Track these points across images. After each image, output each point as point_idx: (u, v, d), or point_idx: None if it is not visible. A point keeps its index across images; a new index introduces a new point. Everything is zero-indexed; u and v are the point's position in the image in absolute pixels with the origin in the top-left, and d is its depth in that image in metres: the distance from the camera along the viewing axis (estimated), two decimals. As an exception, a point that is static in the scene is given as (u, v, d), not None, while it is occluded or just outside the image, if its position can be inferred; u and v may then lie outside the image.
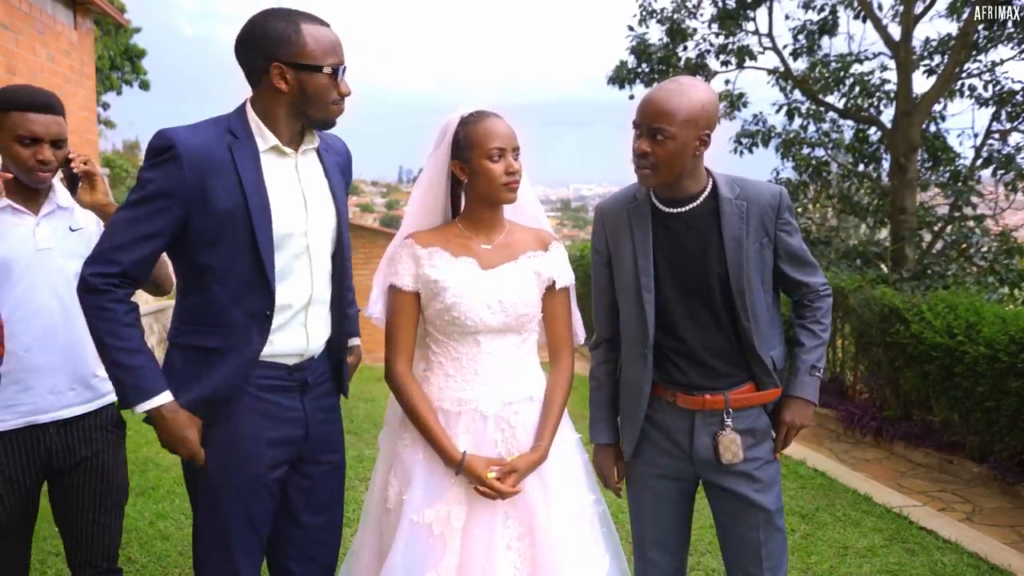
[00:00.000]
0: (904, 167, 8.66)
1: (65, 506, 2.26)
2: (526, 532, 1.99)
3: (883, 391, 6.09)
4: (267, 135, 1.92)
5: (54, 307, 2.15)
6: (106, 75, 16.92)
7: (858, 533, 3.94)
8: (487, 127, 2.02)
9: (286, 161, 1.96)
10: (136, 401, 1.84)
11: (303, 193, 1.97)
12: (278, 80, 1.87)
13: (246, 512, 1.95)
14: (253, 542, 1.99)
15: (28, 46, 7.22)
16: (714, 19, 10.11)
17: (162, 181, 1.81)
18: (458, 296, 2.01)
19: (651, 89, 2.05)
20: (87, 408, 2.24)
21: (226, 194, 1.83)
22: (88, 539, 2.26)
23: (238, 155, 1.86)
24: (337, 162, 2.11)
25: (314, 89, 1.88)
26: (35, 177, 2.12)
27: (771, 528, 2.13)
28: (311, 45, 1.87)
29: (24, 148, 2.09)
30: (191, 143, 1.82)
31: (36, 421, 2.15)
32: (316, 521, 2.11)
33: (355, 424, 5.88)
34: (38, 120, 2.10)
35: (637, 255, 2.13)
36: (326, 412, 2.10)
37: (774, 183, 2.87)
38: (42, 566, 3.36)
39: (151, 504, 4.17)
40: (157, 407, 1.85)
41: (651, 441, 2.19)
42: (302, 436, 2.02)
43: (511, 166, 2.01)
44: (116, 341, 1.83)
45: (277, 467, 1.99)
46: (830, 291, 2.22)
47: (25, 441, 2.15)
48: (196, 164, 1.81)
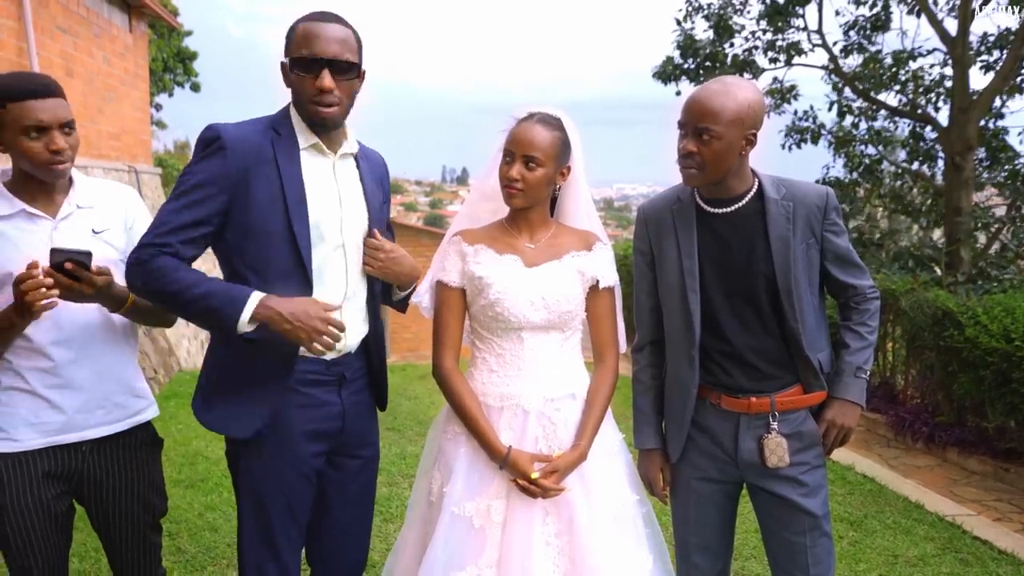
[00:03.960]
0: (960, 166, 8.42)
1: (101, 522, 2.16)
2: (565, 529, 1.99)
3: (935, 396, 5.94)
4: (308, 133, 1.96)
5: (78, 319, 1.98)
6: (159, 77, 17.35)
7: (909, 541, 3.84)
8: (513, 130, 2.06)
9: (325, 161, 2.00)
10: (235, 318, 1.80)
11: (339, 193, 2.01)
12: (285, 78, 1.95)
13: (288, 503, 2.01)
14: (294, 533, 2.05)
15: (85, 49, 7.44)
16: (762, 15, 9.96)
17: (208, 171, 1.86)
18: (502, 292, 2.03)
19: (696, 89, 2.03)
20: (118, 428, 2.08)
21: (266, 186, 1.88)
22: (128, 554, 2.19)
23: (279, 150, 1.91)
24: (373, 172, 2.14)
25: (294, 82, 1.92)
26: (54, 170, 1.93)
27: (817, 533, 2.09)
28: (297, 39, 1.90)
29: (33, 141, 1.89)
30: (236, 136, 1.88)
31: (62, 441, 1.99)
32: (349, 515, 2.16)
33: (398, 421, 5.93)
34: (41, 106, 1.88)
35: (682, 256, 2.11)
36: (362, 407, 2.14)
37: (824, 181, 2.79)
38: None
39: (200, 496, 4.27)
40: (255, 307, 1.82)
41: (695, 444, 2.17)
42: (339, 429, 2.07)
43: (510, 170, 2.02)
44: (180, 286, 1.81)
45: (316, 458, 2.04)
46: (878, 294, 2.17)
47: (53, 461, 2.00)
48: (240, 156, 1.87)
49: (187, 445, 5.14)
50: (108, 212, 2.07)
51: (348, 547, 2.19)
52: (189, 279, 1.82)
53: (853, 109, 10.02)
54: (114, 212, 2.09)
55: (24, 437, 1.96)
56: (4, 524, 1.97)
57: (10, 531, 1.98)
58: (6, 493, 1.97)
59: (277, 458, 1.98)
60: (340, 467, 2.12)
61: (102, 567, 3.31)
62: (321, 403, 2.03)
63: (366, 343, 2.13)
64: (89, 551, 3.41)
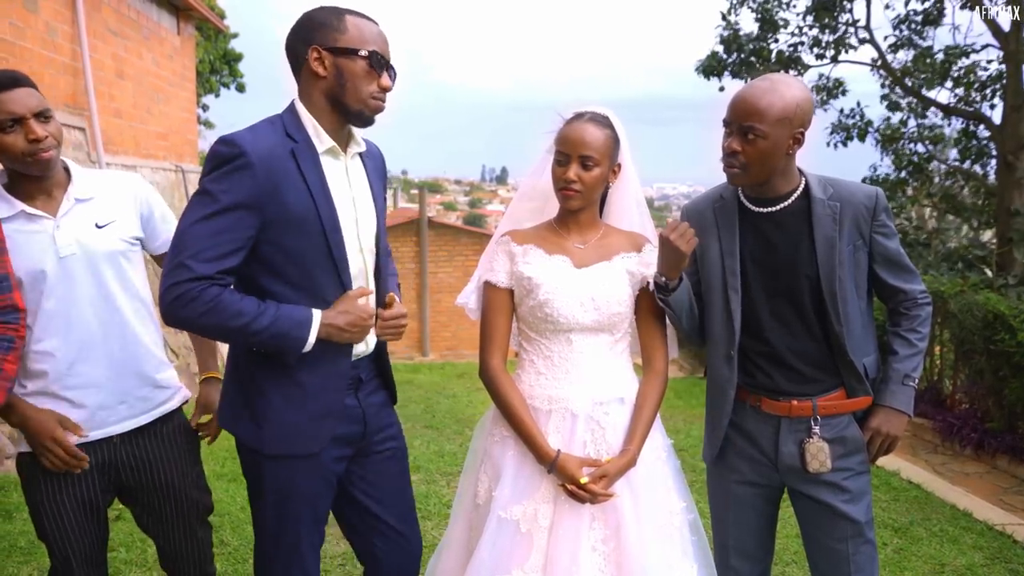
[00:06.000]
0: (1013, 165, 8.19)
1: (148, 523, 2.17)
2: (612, 535, 1.97)
3: (985, 401, 5.78)
4: (323, 136, 1.87)
5: (90, 318, 1.97)
6: (206, 78, 17.67)
7: (956, 550, 3.74)
8: (566, 130, 2.03)
9: (338, 164, 1.94)
10: (303, 340, 1.81)
11: (352, 195, 1.96)
12: (316, 64, 1.82)
13: (313, 513, 2.00)
14: (316, 539, 2.05)
15: (135, 51, 7.62)
16: (809, 10, 9.79)
17: (238, 191, 1.73)
18: (551, 293, 2.01)
19: (743, 86, 2.00)
20: (143, 420, 2.08)
21: (296, 200, 1.80)
22: (177, 551, 2.19)
23: (301, 160, 1.82)
24: (375, 167, 2.09)
25: (351, 74, 1.82)
26: (38, 159, 1.88)
27: (860, 540, 2.05)
28: (351, 31, 1.83)
29: (10, 134, 1.85)
30: (260, 149, 1.76)
31: (90, 439, 2.00)
32: (390, 512, 2.14)
33: (436, 419, 5.97)
34: (9, 97, 1.84)
35: (724, 255, 2.08)
36: (379, 406, 2.12)
37: (871, 180, 2.71)
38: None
39: (242, 490, 4.32)
40: (318, 327, 1.82)
41: (734, 446, 2.15)
42: (360, 433, 2.05)
43: (566, 173, 2.00)
44: (244, 320, 1.75)
45: (338, 463, 2.03)
46: (930, 299, 2.12)
47: (88, 455, 2.00)
48: (267, 171, 1.76)
49: (229, 439, 5.20)
50: (111, 203, 2.02)
51: (400, 541, 2.16)
52: (250, 310, 1.76)
53: (902, 106, 9.80)
54: (119, 202, 2.03)
55: None
56: (42, 520, 2.02)
57: (48, 526, 2.02)
58: (43, 493, 2.01)
59: (302, 469, 1.95)
60: (366, 466, 2.10)
61: (148, 556, 3.39)
62: (343, 407, 2.00)
63: (379, 344, 2.11)
64: (135, 541, 3.50)
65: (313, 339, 1.82)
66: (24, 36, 5.53)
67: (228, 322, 1.74)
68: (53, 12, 5.95)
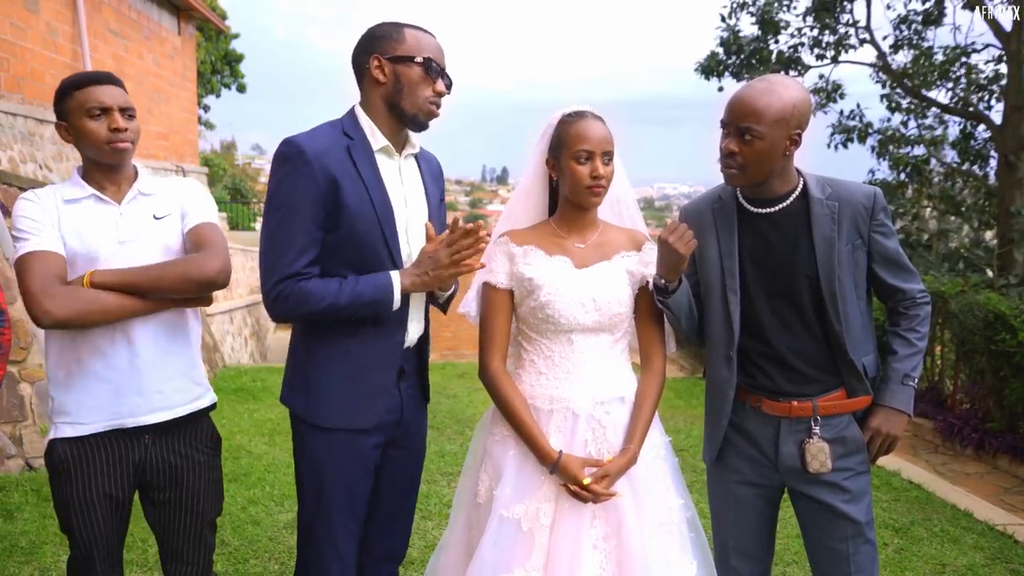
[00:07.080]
0: (1013, 166, 8.19)
1: (157, 518, 2.19)
2: (612, 533, 1.98)
3: (986, 402, 5.78)
4: (378, 135, 2.02)
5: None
6: (207, 79, 17.68)
7: (957, 550, 3.74)
8: (579, 128, 2.01)
9: (392, 163, 2.07)
10: (390, 300, 1.96)
11: (404, 194, 2.07)
12: (377, 71, 2.00)
13: (349, 492, 2.06)
14: (353, 527, 2.10)
15: (135, 51, 7.63)
16: (809, 11, 9.79)
17: (303, 189, 1.91)
18: (552, 294, 2.02)
19: (741, 87, 2.00)
20: (179, 413, 2.12)
21: (353, 191, 1.94)
22: (183, 553, 2.21)
23: (356, 156, 1.98)
24: (430, 170, 2.21)
25: (407, 79, 1.99)
26: (115, 147, 2.05)
27: (860, 540, 2.06)
28: (409, 41, 2.01)
29: (96, 121, 2.04)
30: (316, 147, 1.93)
31: (124, 425, 2.05)
32: (396, 504, 2.22)
33: (437, 419, 5.97)
34: (102, 90, 2.06)
35: (723, 256, 2.08)
36: (415, 400, 2.20)
37: (870, 184, 2.72)
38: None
39: (243, 490, 4.34)
40: (399, 285, 1.96)
41: (734, 447, 2.15)
42: (397, 421, 2.12)
43: (596, 170, 1.99)
44: (329, 301, 1.92)
45: (375, 450, 2.10)
46: (928, 299, 2.12)
47: (117, 447, 2.06)
48: (324, 167, 1.92)
49: (230, 440, 5.24)
50: (167, 200, 2.16)
51: (394, 534, 2.26)
52: (331, 291, 1.93)
53: (901, 107, 9.80)
54: (172, 200, 2.17)
55: (88, 420, 2.03)
56: (70, 516, 2.05)
57: (75, 522, 2.05)
58: (73, 486, 2.03)
59: (344, 446, 2.04)
60: (391, 459, 2.17)
61: (149, 556, 3.39)
62: None
63: (420, 339, 2.19)
64: (136, 541, 3.50)
65: (399, 297, 1.97)
66: (25, 36, 5.54)
67: (317, 305, 1.92)
68: (54, 12, 5.96)
